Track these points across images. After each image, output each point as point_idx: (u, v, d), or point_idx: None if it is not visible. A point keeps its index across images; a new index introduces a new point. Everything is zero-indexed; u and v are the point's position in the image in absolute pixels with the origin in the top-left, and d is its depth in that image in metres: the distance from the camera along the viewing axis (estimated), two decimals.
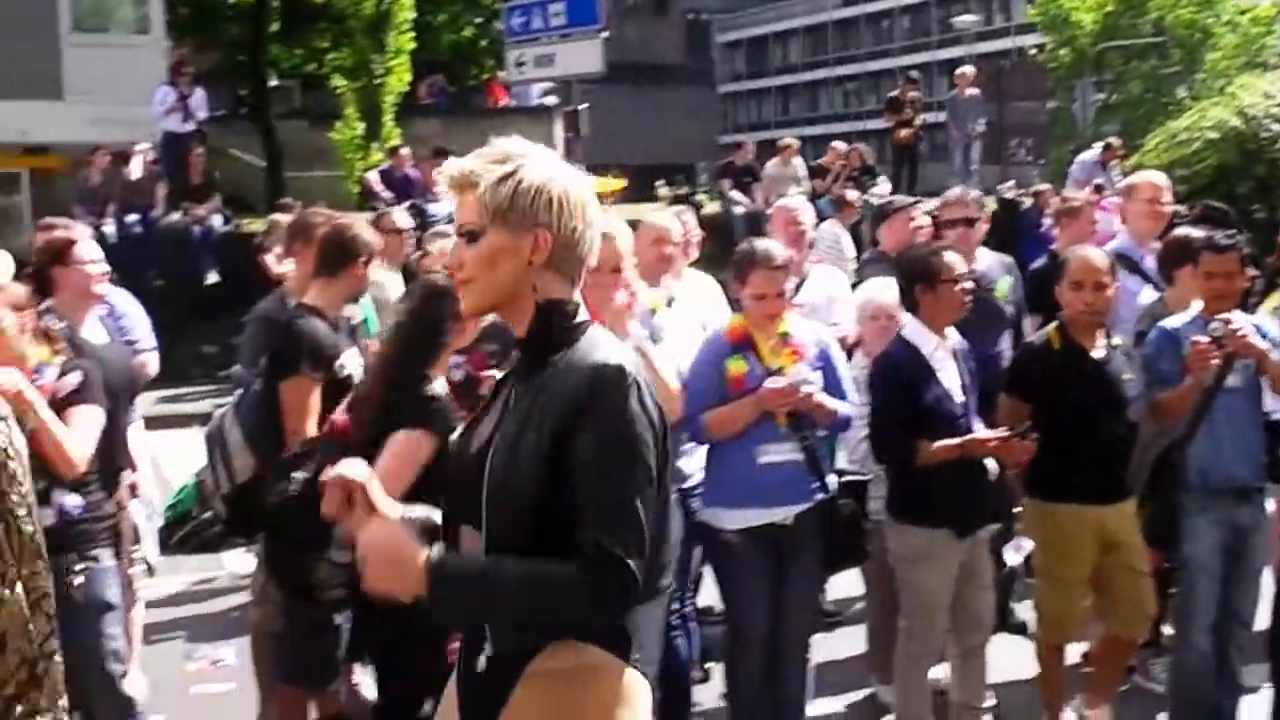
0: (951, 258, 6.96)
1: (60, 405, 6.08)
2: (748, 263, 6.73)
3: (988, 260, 8.67)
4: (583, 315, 3.53)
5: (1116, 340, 7.21)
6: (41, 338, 6.26)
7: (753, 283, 6.69)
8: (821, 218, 12.52)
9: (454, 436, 3.84)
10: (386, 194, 21.61)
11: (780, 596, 6.79)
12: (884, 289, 7.56)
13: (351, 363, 6.53)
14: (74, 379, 6.19)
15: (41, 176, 25.54)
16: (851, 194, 17.78)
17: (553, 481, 3.33)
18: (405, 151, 23.29)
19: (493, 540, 3.39)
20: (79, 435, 6.11)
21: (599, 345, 3.47)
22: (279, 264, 16.64)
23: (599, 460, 3.31)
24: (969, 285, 6.95)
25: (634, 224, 6.70)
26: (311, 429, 6.29)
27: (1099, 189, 19.55)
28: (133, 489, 7.14)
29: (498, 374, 3.90)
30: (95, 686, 6.23)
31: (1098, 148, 24.99)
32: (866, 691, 8.10)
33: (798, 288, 7.72)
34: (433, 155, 21.39)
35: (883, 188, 23.26)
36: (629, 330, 6.12)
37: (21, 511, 2.54)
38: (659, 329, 6.50)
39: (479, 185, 3.42)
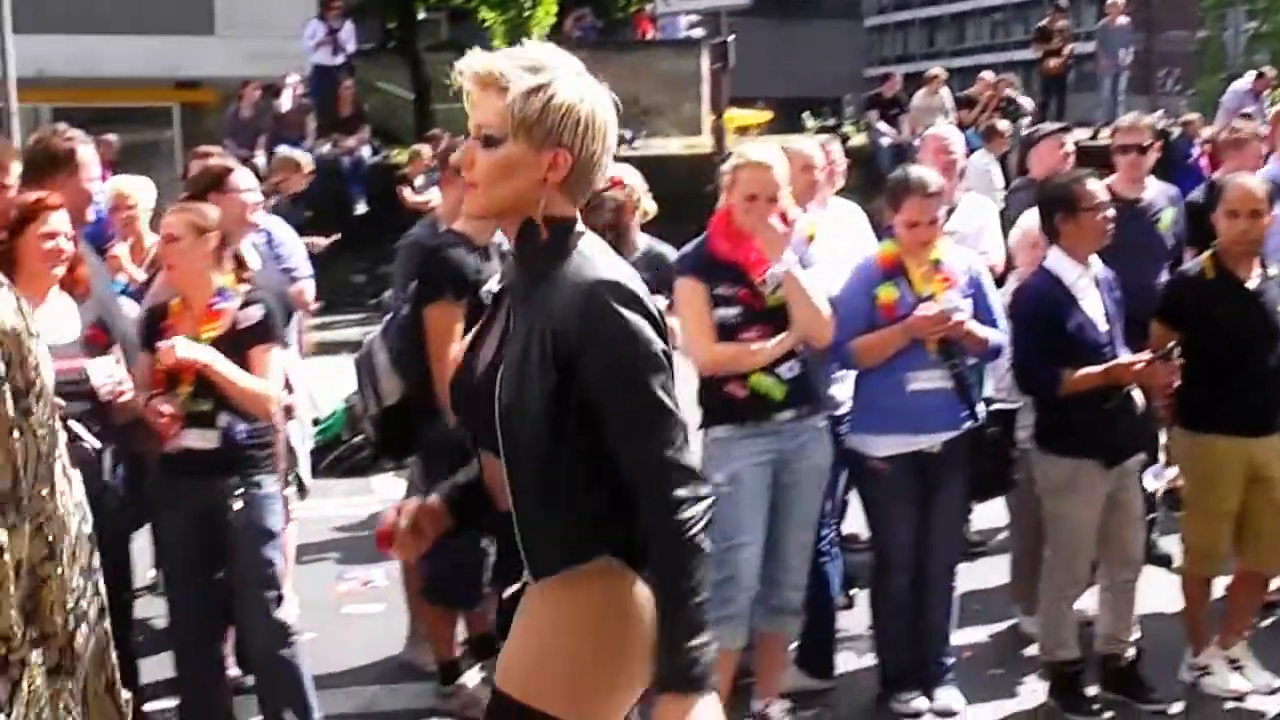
0: (1093, 185, 6.87)
1: (240, 336, 6.18)
2: (902, 189, 6.71)
3: (1154, 190, 8.52)
4: (580, 229, 3.48)
5: (1273, 270, 7.09)
6: (230, 263, 6.38)
7: (906, 209, 6.67)
8: (969, 149, 12.40)
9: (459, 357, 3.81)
10: None
11: (926, 523, 6.80)
12: None
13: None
14: (256, 312, 6.24)
15: (192, 111, 25.86)
16: (1002, 124, 17.57)
17: (560, 401, 3.33)
18: None
19: (510, 461, 3.43)
20: (267, 379, 6.22)
21: (593, 259, 3.41)
22: (416, 195, 16.78)
23: (612, 370, 3.31)
24: (1110, 213, 6.87)
25: None
26: (454, 354, 6.39)
27: (1248, 118, 19.23)
28: (288, 411, 7.26)
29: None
30: (249, 608, 6.33)
31: (1249, 77, 24.43)
32: (1010, 622, 8.07)
33: (948, 216, 7.66)
34: None
35: (1026, 107, 23.03)
36: (784, 258, 6.16)
37: (41, 431, 2.60)
38: (810, 256, 6.49)
39: (508, 91, 3.33)
